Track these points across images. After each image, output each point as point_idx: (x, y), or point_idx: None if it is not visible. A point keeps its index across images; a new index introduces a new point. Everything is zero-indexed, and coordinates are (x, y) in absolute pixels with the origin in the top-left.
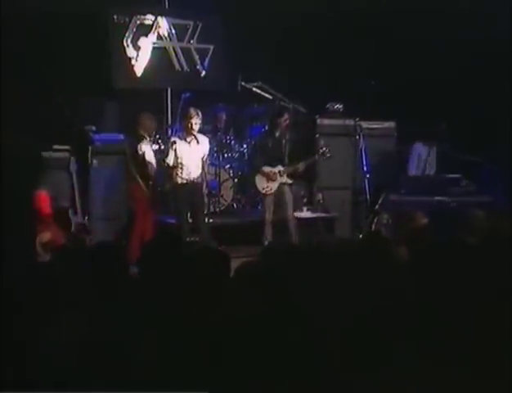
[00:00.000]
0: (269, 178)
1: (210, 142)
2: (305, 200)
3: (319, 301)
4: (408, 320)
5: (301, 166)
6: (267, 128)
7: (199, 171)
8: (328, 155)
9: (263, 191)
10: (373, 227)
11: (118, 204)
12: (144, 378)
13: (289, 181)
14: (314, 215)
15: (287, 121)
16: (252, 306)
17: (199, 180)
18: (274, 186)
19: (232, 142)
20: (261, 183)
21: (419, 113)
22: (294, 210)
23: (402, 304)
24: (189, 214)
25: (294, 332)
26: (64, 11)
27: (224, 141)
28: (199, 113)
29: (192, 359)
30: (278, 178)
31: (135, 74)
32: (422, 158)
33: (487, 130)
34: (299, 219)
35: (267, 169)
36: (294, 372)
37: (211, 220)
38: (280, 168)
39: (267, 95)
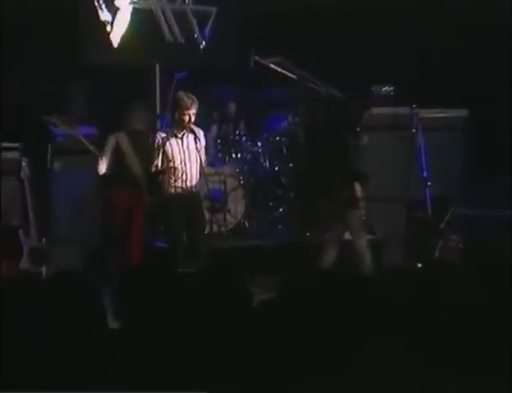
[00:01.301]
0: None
1: (212, 138)
2: None
3: (363, 350)
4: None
5: None
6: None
7: (198, 177)
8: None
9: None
10: (437, 253)
11: (87, 221)
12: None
13: None
14: None
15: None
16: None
17: (198, 189)
18: None
19: (243, 137)
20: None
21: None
22: None
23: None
24: (185, 236)
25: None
26: None
27: (232, 136)
28: (196, 101)
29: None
30: None
31: (111, 44)
32: None
33: None
34: None
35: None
36: None
37: (214, 244)
38: None
39: (289, 74)
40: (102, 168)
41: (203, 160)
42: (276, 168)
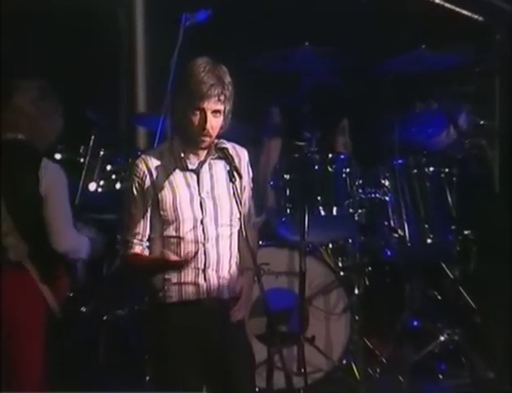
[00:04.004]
0: None
1: (271, 168)
2: None
3: None
4: None
5: None
6: None
7: (234, 262)
8: None
9: None
10: None
11: None
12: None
13: None
14: None
15: None
16: None
17: (238, 290)
18: None
19: (346, 167)
20: None
21: None
22: None
23: None
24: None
25: None
26: None
27: (318, 165)
28: (226, 77)
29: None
30: None
31: None
32: None
33: None
34: None
35: None
36: None
37: None
38: None
39: (467, 13)
40: None
41: (250, 218)
42: (429, 239)
